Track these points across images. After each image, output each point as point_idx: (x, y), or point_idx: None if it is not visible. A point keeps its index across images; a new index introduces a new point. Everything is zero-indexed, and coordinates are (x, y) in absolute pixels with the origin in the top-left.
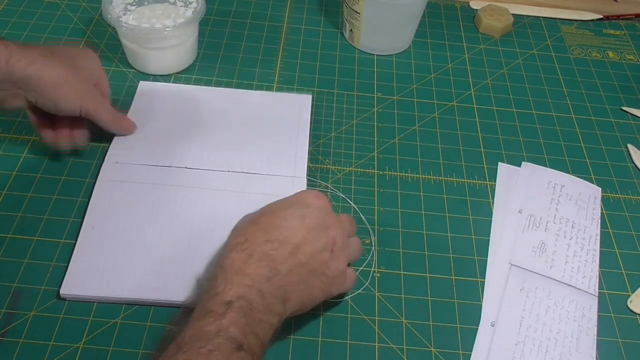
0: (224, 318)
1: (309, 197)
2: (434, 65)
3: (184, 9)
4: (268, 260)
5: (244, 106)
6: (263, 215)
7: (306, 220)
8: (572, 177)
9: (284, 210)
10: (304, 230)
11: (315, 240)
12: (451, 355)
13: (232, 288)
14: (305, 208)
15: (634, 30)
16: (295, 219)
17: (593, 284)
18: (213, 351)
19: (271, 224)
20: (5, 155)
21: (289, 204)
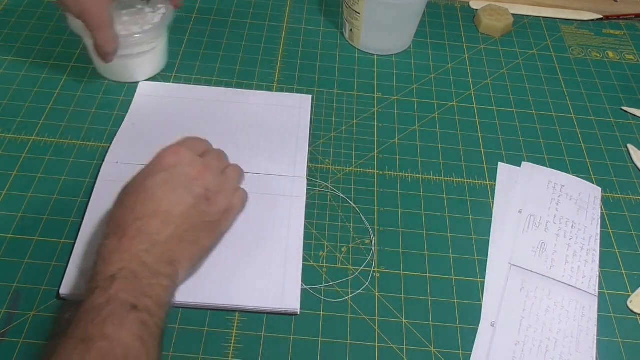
0: (111, 289)
1: (164, 158)
2: (434, 65)
3: (151, 14)
4: (142, 236)
5: (244, 106)
6: (127, 195)
7: (169, 184)
8: (572, 177)
9: (145, 182)
10: (170, 195)
11: (184, 200)
12: (451, 355)
13: (111, 265)
14: (164, 172)
15: (634, 30)
16: (158, 187)
17: (593, 284)
18: (108, 317)
19: (137, 201)
20: (5, 155)
21: (148, 174)
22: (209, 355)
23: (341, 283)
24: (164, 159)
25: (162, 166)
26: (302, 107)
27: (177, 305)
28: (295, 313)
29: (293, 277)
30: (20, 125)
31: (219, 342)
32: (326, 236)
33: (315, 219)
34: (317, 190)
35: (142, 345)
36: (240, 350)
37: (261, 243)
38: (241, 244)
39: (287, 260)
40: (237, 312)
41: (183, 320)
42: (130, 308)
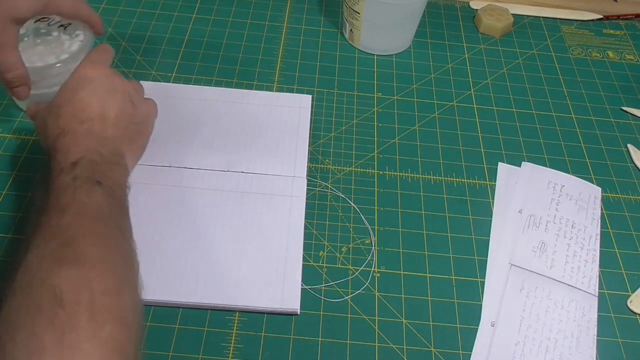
0: (75, 169)
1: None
2: (434, 65)
3: (69, 42)
4: (92, 135)
5: (244, 106)
6: (62, 107)
7: (99, 93)
8: (572, 177)
9: (76, 94)
10: (103, 102)
11: (115, 105)
12: (451, 355)
13: (71, 155)
14: (91, 83)
15: (634, 30)
16: (89, 96)
17: (593, 284)
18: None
19: (75, 109)
20: (5, 155)
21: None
22: (209, 355)
23: (341, 283)
24: (87, 73)
25: (87, 78)
26: (302, 107)
27: (177, 305)
28: (295, 313)
29: (293, 277)
30: (20, 125)
31: (219, 342)
32: (326, 236)
33: (315, 219)
34: (317, 190)
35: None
36: (240, 350)
37: (261, 243)
38: (241, 244)
39: (287, 260)
40: (237, 312)
41: (183, 320)
42: (95, 183)
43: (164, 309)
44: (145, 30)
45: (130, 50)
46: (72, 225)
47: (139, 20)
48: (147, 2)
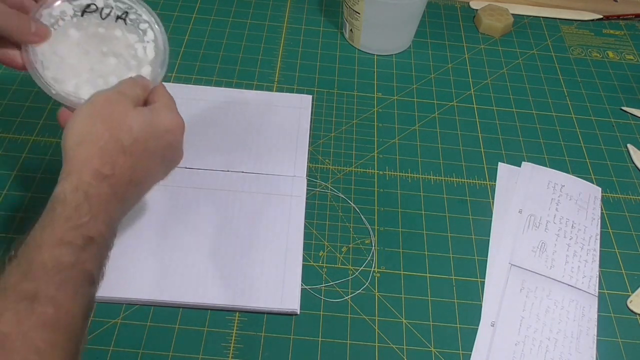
0: (84, 252)
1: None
2: (434, 65)
3: (141, 45)
4: (125, 202)
5: (244, 106)
6: (135, 144)
7: (163, 161)
8: (572, 177)
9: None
10: (158, 170)
11: (158, 178)
12: (451, 355)
13: (96, 224)
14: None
15: (634, 30)
16: (157, 157)
17: (593, 284)
18: (65, 282)
19: (138, 163)
20: (5, 155)
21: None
22: (209, 355)
23: (341, 283)
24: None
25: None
26: (302, 107)
27: (177, 305)
28: (295, 313)
29: (293, 277)
30: (20, 125)
31: (219, 342)
32: (326, 236)
33: (315, 219)
34: (317, 190)
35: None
36: (240, 350)
37: (261, 243)
38: (241, 244)
39: (287, 260)
40: (237, 312)
41: (183, 320)
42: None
43: (164, 309)
44: None
45: None
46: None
47: None
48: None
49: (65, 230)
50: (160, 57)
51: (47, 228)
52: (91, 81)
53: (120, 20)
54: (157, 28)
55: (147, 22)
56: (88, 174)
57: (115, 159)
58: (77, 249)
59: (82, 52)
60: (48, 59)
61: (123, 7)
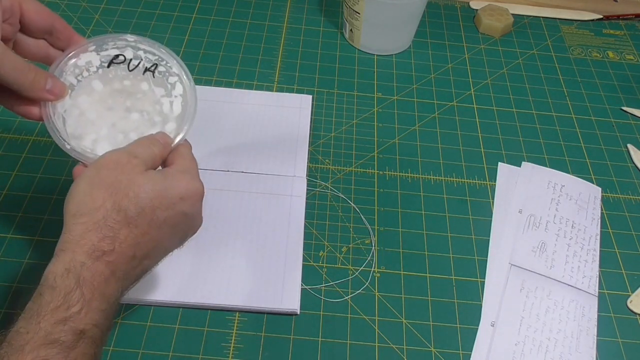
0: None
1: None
2: (434, 65)
3: (167, 100)
4: (126, 280)
5: (244, 106)
6: (141, 215)
7: (175, 230)
8: (572, 177)
9: (164, 213)
10: (168, 242)
11: (172, 247)
12: (451, 355)
13: (88, 314)
14: (182, 215)
15: (634, 30)
16: (168, 228)
17: (593, 284)
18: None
19: (144, 236)
20: (5, 155)
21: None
22: (209, 355)
23: (341, 283)
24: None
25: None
26: (302, 107)
27: (177, 305)
28: (295, 313)
29: (293, 277)
30: (20, 125)
31: (219, 342)
32: (326, 236)
33: (315, 219)
34: (317, 190)
35: None
36: (240, 350)
37: (261, 243)
38: (241, 244)
39: (287, 260)
40: (237, 312)
41: (183, 320)
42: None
43: (164, 309)
44: (145, 30)
45: None
46: None
47: (139, 20)
48: (147, 2)
49: (52, 325)
50: (189, 112)
51: (32, 320)
52: (110, 137)
53: (149, 72)
54: (187, 81)
55: (176, 75)
56: (83, 252)
57: (116, 232)
58: (65, 348)
59: (105, 107)
60: (69, 113)
61: (153, 59)
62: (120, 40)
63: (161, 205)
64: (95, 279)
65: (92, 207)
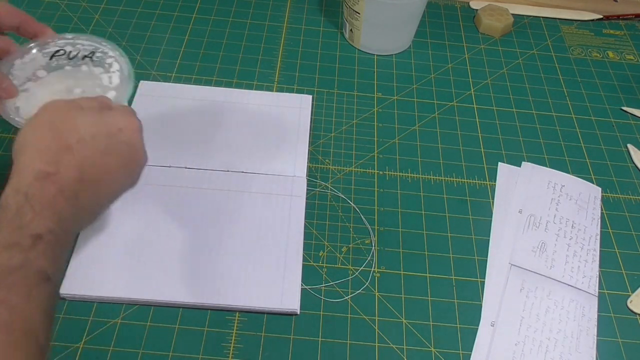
0: (32, 250)
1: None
2: (434, 65)
3: (106, 75)
4: (75, 200)
5: (244, 106)
6: (81, 142)
7: (119, 159)
8: (572, 177)
9: (104, 142)
10: (117, 171)
11: (120, 180)
12: (451, 355)
13: (41, 221)
14: (123, 143)
15: (634, 30)
16: (112, 156)
17: (593, 284)
18: (16, 284)
19: (87, 160)
20: (6, 155)
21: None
22: (209, 355)
23: (341, 283)
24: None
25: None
26: (302, 107)
27: (177, 305)
28: (295, 313)
29: (293, 277)
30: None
31: (219, 342)
32: (326, 236)
33: (315, 219)
34: (317, 191)
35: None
36: (240, 350)
37: (261, 243)
38: (241, 244)
39: (287, 260)
40: (237, 312)
41: (183, 320)
42: (43, 279)
43: (164, 309)
44: (145, 30)
45: (130, 50)
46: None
47: (139, 20)
48: (147, 2)
49: (9, 233)
50: (125, 82)
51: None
52: None
53: (87, 58)
54: (123, 59)
55: (112, 57)
56: (29, 176)
57: (59, 157)
58: (24, 249)
59: (50, 89)
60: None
61: (90, 48)
62: (60, 39)
63: (99, 134)
64: (42, 195)
65: (35, 141)
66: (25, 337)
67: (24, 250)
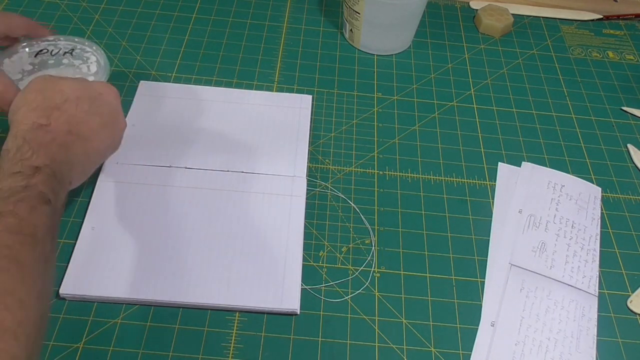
0: (33, 178)
1: (109, 94)
2: (434, 65)
3: (85, 65)
4: (66, 150)
5: (244, 106)
6: (67, 102)
7: (102, 119)
8: (572, 177)
9: (87, 104)
10: (101, 131)
11: (105, 140)
12: (451, 355)
13: (39, 157)
14: (104, 106)
15: (634, 30)
16: (95, 116)
17: (593, 284)
18: (22, 200)
19: (74, 117)
20: None
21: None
22: (209, 355)
23: (341, 283)
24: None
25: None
26: (302, 107)
27: (177, 305)
28: (295, 313)
29: (293, 277)
30: None
31: (219, 342)
32: (326, 236)
33: (315, 219)
34: (317, 191)
35: (49, 231)
36: (240, 350)
37: (261, 243)
38: (241, 244)
39: (287, 260)
40: (237, 312)
41: (183, 320)
42: (43, 201)
43: (164, 309)
44: (145, 30)
45: (130, 50)
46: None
47: (139, 20)
48: (147, 2)
49: (12, 165)
50: (102, 70)
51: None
52: None
53: (68, 54)
54: (100, 52)
55: (90, 51)
56: (25, 125)
57: (49, 113)
58: (25, 176)
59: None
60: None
61: (70, 46)
62: (43, 41)
63: (83, 96)
64: (38, 139)
65: (27, 102)
66: (32, 239)
67: (26, 177)
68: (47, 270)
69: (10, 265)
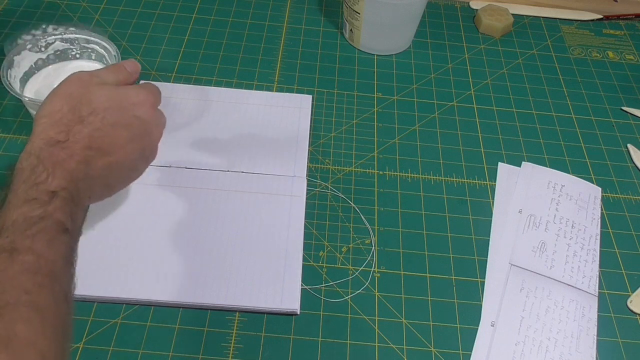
0: (50, 204)
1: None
2: (434, 65)
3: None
4: (86, 165)
5: (244, 106)
6: (93, 114)
7: (130, 132)
8: (572, 177)
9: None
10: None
11: (133, 153)
12: (451, 355)
13: (55, 179)
14: (135, 117)
15: (634, 30)
16: (122, 129)
17: (593, 284)
18: (38, 233)
19: (98, 130)
20: (6, 155)
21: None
22: (209, 355)
23: (341, 283)
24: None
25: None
26: (302, 107)
27: (177, 305)
28: (295, 313)
29: (293, 277)
30: (20, 125)
31: (219, 342)
32: (326, 236)
33: (315, 219)
34: (317, 190)
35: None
36: (240, 350)
37: (261, 243)
38: (241, 244)
39: (287, 260)
40: (237, 312)
41: (183, 320)
42: (61, 231)
43: (164, 309)
44: (145, 30)
45: (130, 50)
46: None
47: (139, 20)
48: (147, 2)
49: (27, 189)
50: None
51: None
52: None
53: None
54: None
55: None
56: (40, 141)
57: (70, 127)
58: (42, 203)
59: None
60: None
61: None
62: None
63: (112, 107)
64: (53, 157)
65: (52, 111)
66: (50, 278)
67: (43, 204)
68: (68, 308)
69: (31, 313)
